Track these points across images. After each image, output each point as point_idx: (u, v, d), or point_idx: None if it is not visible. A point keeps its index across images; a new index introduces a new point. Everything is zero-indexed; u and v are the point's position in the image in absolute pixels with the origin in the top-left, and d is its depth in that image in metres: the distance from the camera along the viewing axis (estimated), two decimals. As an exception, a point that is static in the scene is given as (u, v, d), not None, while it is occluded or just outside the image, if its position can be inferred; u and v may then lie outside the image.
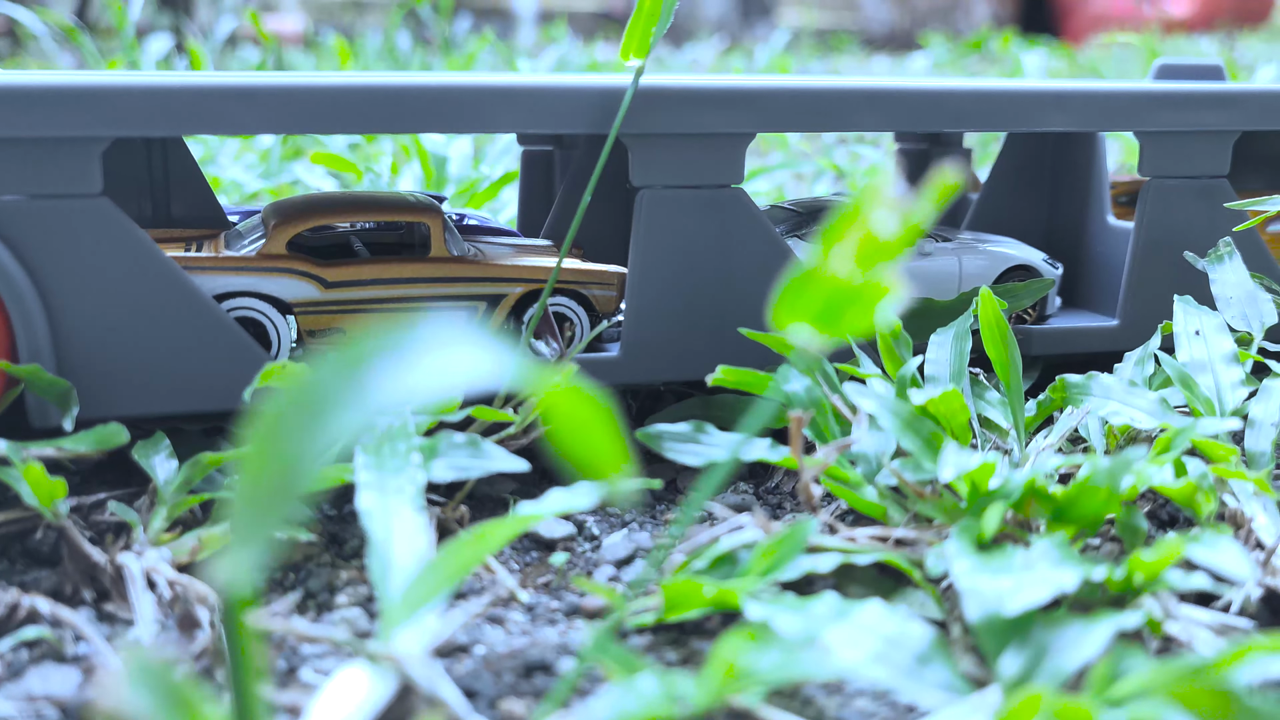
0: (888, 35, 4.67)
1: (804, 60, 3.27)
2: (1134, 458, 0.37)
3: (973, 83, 0.56)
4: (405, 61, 2.44)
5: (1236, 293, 0.55)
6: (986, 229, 0.70)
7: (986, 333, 0.48)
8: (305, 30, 3.94)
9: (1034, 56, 1.12)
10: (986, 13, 4.72)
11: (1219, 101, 0.59)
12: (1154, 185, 0.59)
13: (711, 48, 3.86)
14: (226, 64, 2.68)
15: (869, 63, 3.23)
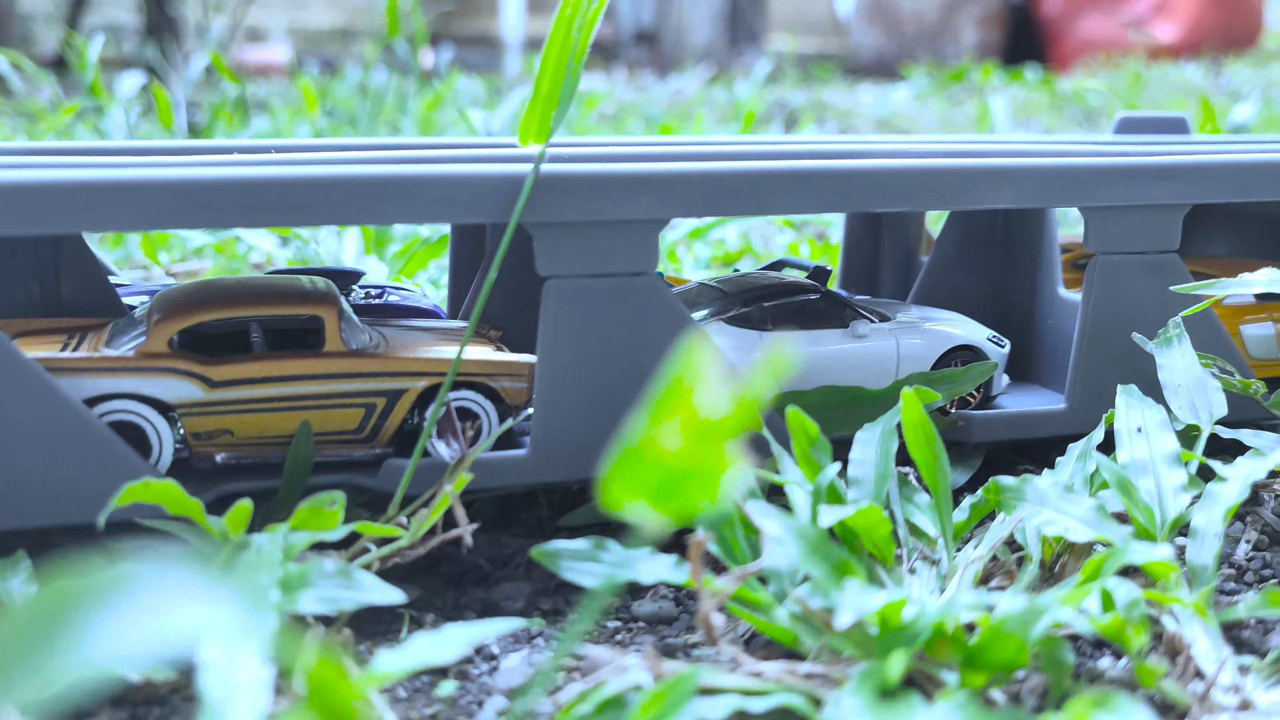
0: (876, 60, 4.65)
1: (788, 90, 3.25)
2: (1047, 604, 0.34)
3: (906, 161, 0.53)
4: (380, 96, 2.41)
5: (1185, 380, 0.52)
6: (934, 299, 0.67)
7: (910, 435, 0.45)
8: (288, 61, 3.92)
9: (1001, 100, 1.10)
10: (975, 38, 4.70)
11: (1169, 174, 0.56)
12: (1101, 261, 0.56)
13: (697, 77, 3.84)
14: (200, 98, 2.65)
15: (854, 92, 3.21)
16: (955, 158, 0.58)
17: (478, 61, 4.30)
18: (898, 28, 4.73)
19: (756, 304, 0.55)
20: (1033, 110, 2.51)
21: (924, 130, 2.42)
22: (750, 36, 4.65)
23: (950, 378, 0.54)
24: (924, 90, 2.86)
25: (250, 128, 1.99)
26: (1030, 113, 2.46)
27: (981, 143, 0.74)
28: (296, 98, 2.99)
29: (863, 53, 4.78)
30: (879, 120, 2.56)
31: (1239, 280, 0.51)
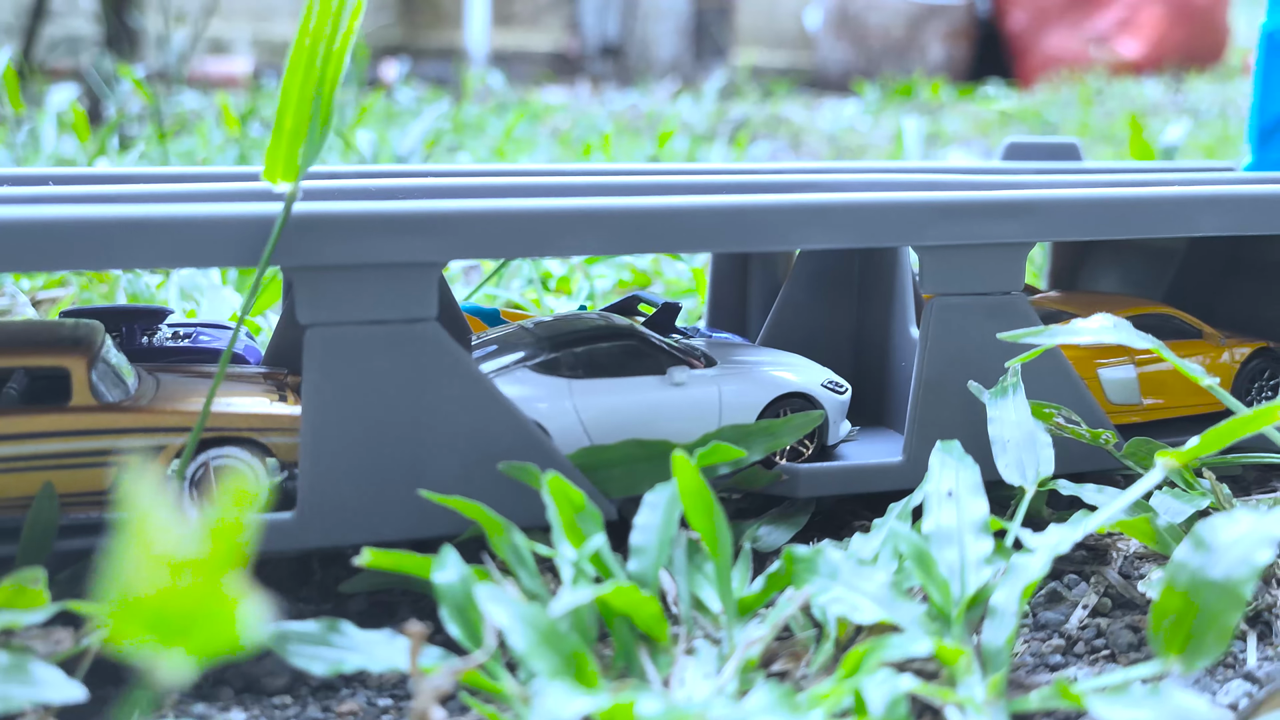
0: (843, 75, 4.63)
1: (747, 104, 3.22)
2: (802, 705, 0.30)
3: (702, 199, 0.49)
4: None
5: (1015, 435, 0.48)
6: (785, 339, 0.63)
7: (688, 502, 0.41)
8: (242, 76, 3.87)
9: (913, 121, 1.07)
10: (942, 53, 4.68)
11: (1009, 211, 0.52)
12: (937, 304, 0.52)
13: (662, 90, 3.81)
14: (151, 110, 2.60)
15: (811, 107, 3.18)
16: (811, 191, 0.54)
17: (443, 74, 4.26)
18: (864, 42, 4.72)
19: (565, 349, 0.52)
20: (984, 128, 2.48)
21: (874, 146, 2.39)
22: (715, 50, 4.62)
23: (768, 430, 0.50)
24: (872, 107, 2.83)
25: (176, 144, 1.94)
26: (982, 130, 2.43)
27: (853, 172, 0.70)
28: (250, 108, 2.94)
29: (830, 67, 4.76)
30: (830, 136, 2.53)
31: (1068, 329, 0.47)
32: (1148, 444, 0.54)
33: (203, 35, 4.63)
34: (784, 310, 0.63)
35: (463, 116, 2.39)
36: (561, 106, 3.06)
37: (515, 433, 0.47)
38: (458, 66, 4.13)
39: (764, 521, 0.52)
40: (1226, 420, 0.41)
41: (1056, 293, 0.66)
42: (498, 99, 3.42)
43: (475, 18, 4.68)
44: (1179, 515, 0.50)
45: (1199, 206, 0.55)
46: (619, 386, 0.51)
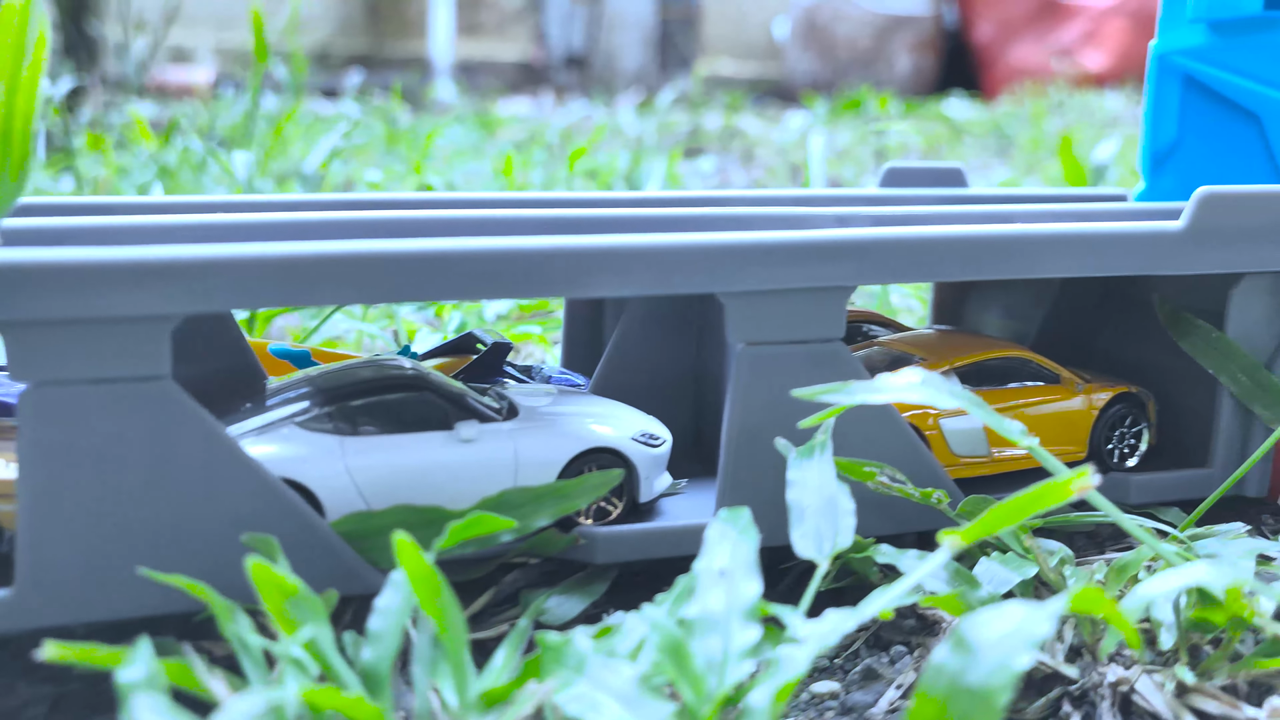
0: (810, 85, 4.59)
1: (706, 115, 3.18)
2: None
3: (497, 241, 0.45)
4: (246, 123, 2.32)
5: (814, 501, 0.44)
6: (620, 381, 0.59)
7: (418, 588, 0.37)
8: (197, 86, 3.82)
9: (821, 139, 1.02)
10: (909, 65, 4.65)
11: (825, 254, 0.48)
12: (747, 354, 0.48)
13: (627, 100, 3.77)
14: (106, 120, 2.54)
15: (779, 117, 3.15)
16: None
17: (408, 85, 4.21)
18: (832, 53, 4.69)
19: (340, 403, 0.47)
20: (933, 142, 2.45)
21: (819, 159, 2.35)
22: (681, 61, 4.59)
23: (559, 492, 0.46)
24: (820, 120, 2.79)
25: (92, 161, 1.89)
26: (930, 145, 2.40)
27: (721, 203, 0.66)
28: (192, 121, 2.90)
29: (797, 78, 4.73)
30: (781, 149, 2.49)
31: (867, 386, 0.43)
32: (984, 502, 0.50)
33: (163, 44, 4.58)
34: (618, 352, 0.59)
35: (396, 129, 2.34)
36: (512, 118, 3.02)
37: (263, 500, 0.43)
38: (411, 77, 4.09)
39: (557, 591, 0.48)
40: (1015, 496, 0.37)
41: (926, 329, 0.62)
42: (454, 110, 3.38)
43: (439, 28, 4.64)
44: (1003, 585, 0.46)
45: (1041, 247, 0.51)
46: (399, 444, 0.47)
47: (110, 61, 4.32)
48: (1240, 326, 0.56)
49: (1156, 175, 0.81)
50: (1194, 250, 0.53)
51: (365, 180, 1.48)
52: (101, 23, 4.43)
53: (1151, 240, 0.53)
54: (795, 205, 0.69)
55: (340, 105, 3.06)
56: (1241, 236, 0.54)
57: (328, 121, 2.84)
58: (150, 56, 4.37)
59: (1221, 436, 0.56)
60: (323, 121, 2.93)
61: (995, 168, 2.27)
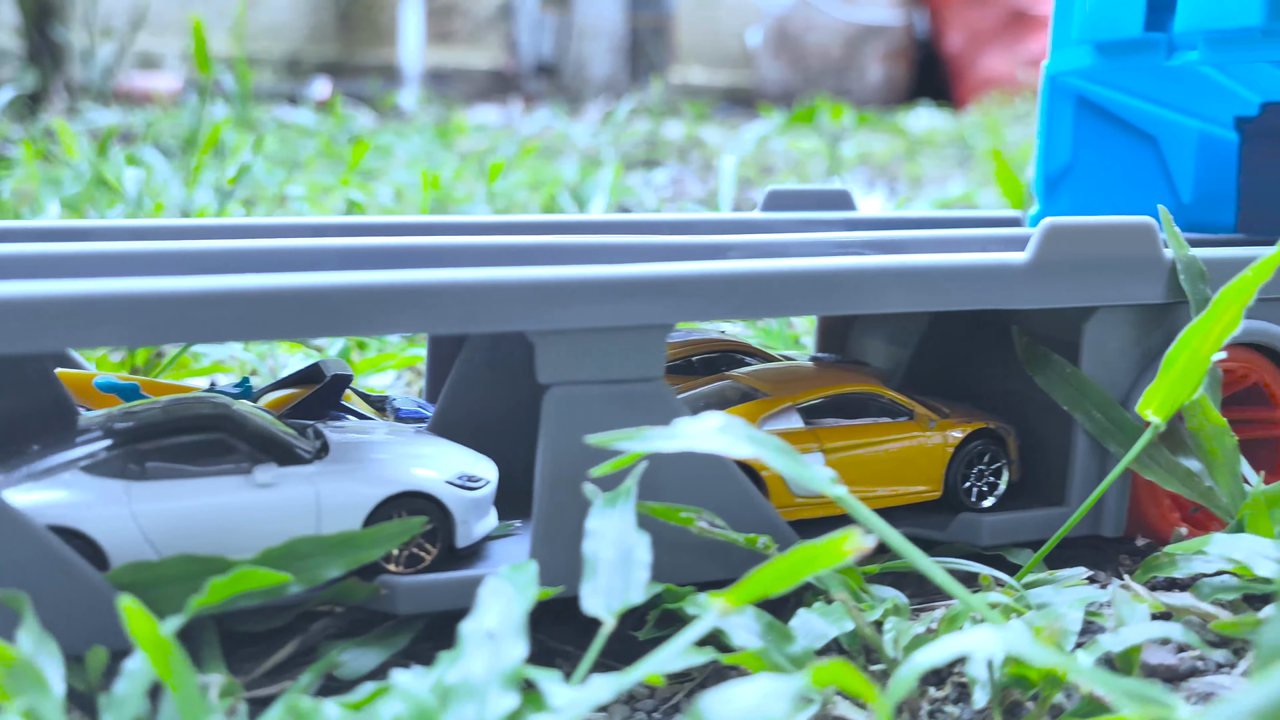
0: (782, 94, 4.58)
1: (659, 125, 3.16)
2: None
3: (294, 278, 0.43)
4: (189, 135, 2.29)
5: (610, 553, 0.42)
6: (458, 420, 0.57)
7: (150, 653, 0.35)
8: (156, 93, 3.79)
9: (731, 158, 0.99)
10: (880, 74, 4.64)
11: (637, 290, 0.46)
12: (556, 394, 0.46)
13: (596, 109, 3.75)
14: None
15: (744, 127, 3.13)
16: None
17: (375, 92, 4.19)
18: (803, 62, 4.68)
19: (128, 445, 0.45)
20: (885, 156, 2.43)
21: (781, 170, 2.33)
22: (651, 69, 4.57)
23: (351, 542, 0.44)
24: (776, 130, 2.78)
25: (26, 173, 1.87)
26: (881, 160, 2.38)
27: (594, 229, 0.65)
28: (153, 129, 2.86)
29: (769, 87, 4.72)
30: (741, 159, 2.47)
31: (661, 433, 0.41)
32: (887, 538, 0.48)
33: (129, 49, 4.54)
34: (458, 387, 0.57)
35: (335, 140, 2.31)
36: (473, 127, 3.00)
37: (24, 551, 0.41)
38: (373, 84, 4.07)
39: (356, 642, 0.46)
40: (777, 559, 0.35)
41: (785, 362, 0.60)
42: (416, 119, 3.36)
43: (409, 35, 4.62)
44: (819, 639, 0.44)
45: (872, 282, 0.49)
46: (190, 490, 0.45)
47: (76, 68, 4.28)
48: (1095, 361, 0.54)
49: (1050, 198, 0.79)
50: (1039, 284, 0.51)
51: (286, 194, 1.46)
52: (67, 29, 4.40)
53: (994, 273, 0.51)
54: (668, 232, 0.67)
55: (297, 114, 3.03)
56: (1089, 269, 0.52)
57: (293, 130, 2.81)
58: (116, 63, 4.33)
59: (1077, 475, 0.54)
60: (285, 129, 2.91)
61: (954, 179, 2.25)
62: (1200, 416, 0.52)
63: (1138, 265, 0.53)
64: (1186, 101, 0.81)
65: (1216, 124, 0.82)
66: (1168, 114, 0.81)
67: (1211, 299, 0.54)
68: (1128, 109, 0.80)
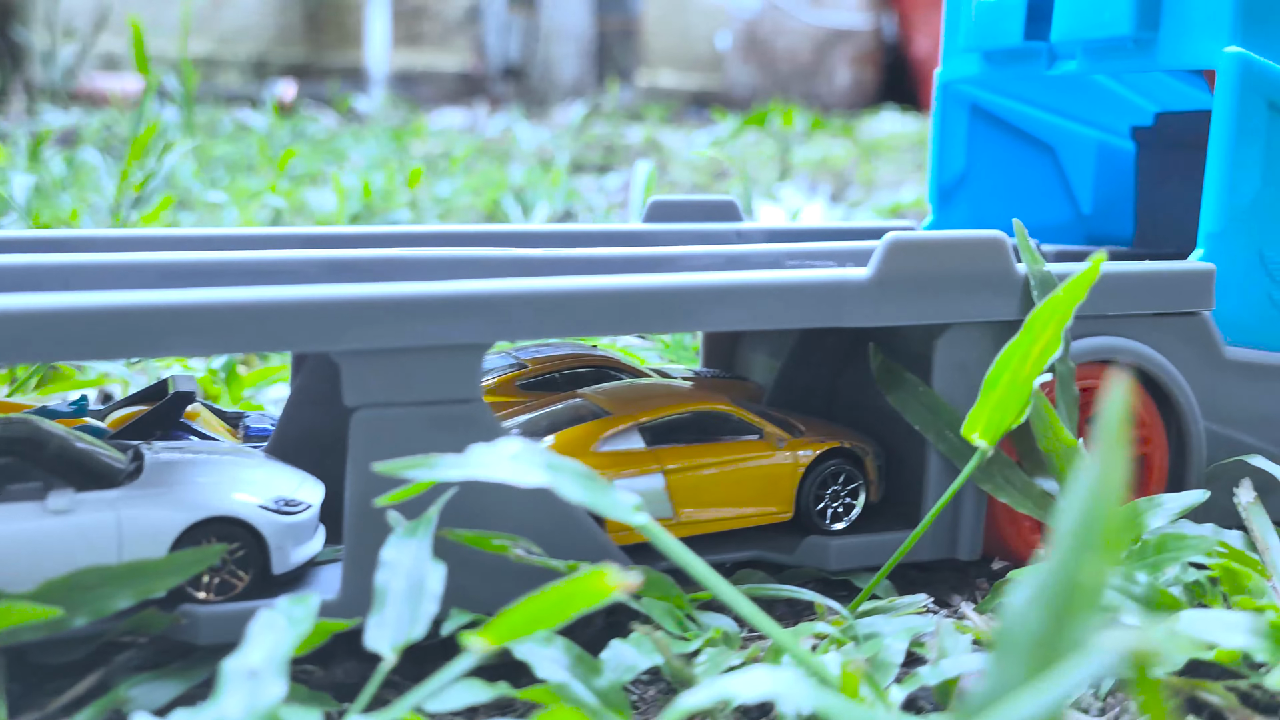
0: (751, 98, 4.58)
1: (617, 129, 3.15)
2: None
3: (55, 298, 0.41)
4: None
5: (401, 584, 0.40)
6: (295, 440, 0.55)
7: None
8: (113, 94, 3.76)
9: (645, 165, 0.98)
10: (848, 78, 4.64)
11: (445, 308, 0.44)
12: (365, 418, 0.44)
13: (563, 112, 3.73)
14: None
15: (692, 136, 3.12)
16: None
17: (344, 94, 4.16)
18: (772, 65, 4.67)
19: (-86, 471, 0.43)
20: (835, 164, 2.42)
21: (732, 174, 2.32)
22: (619, 73, 4.56)
23: (140, 572, 0.42)
24: (727, 135, 2.77)
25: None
26: (831, 167, 2.37)
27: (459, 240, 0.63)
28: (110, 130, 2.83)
29: (738, 90, 4.71)
30: (691, 165, 2.46)
31: (453, 461, 0.39)
32: (643, 573, 0.47)
33: (90, 50, 4.50)
34: (293, 409, 0.55)
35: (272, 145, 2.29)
36: (429, 131, 2.98)
37: None
38: (333, 88, 4.04)
39: (151, 676, 0.44)
40: (537, 596, 0.34)
41: (636, 380, 0.58)
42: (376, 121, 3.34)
43: (375, 38, 4.60)
44: (628, 672, 0.43)
45: (703, 299, 0.47)
46: (-21, 516, 0.43)
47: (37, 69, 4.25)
48: (948, 379, 0.52)
49: (944, 207, 0.78)
50: (881, 301, 0.50)
51: (206, 201, 1.44)
52: (28, 29, 4.36)
53: (834, 290, 0.49)
54: (539, 244, 0.66)
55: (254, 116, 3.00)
56: (935, 285, 0.50)
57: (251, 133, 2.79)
58: (77, 64, 4.30)
59: (930, 496, 0.53)
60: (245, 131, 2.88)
61: (909, 185, 2.24)
62: (1051, 437, 0.50)
63: (988, 281, 0.51)
64: (1084, 110, 0.80)
65: (1115, 134, 0.81)
66: (1066, 123, 0.80)
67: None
68: (1024, 118, 0.79)
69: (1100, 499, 0.22)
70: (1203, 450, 0.57)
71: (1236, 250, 0.58)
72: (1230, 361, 0.58)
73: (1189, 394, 0.56)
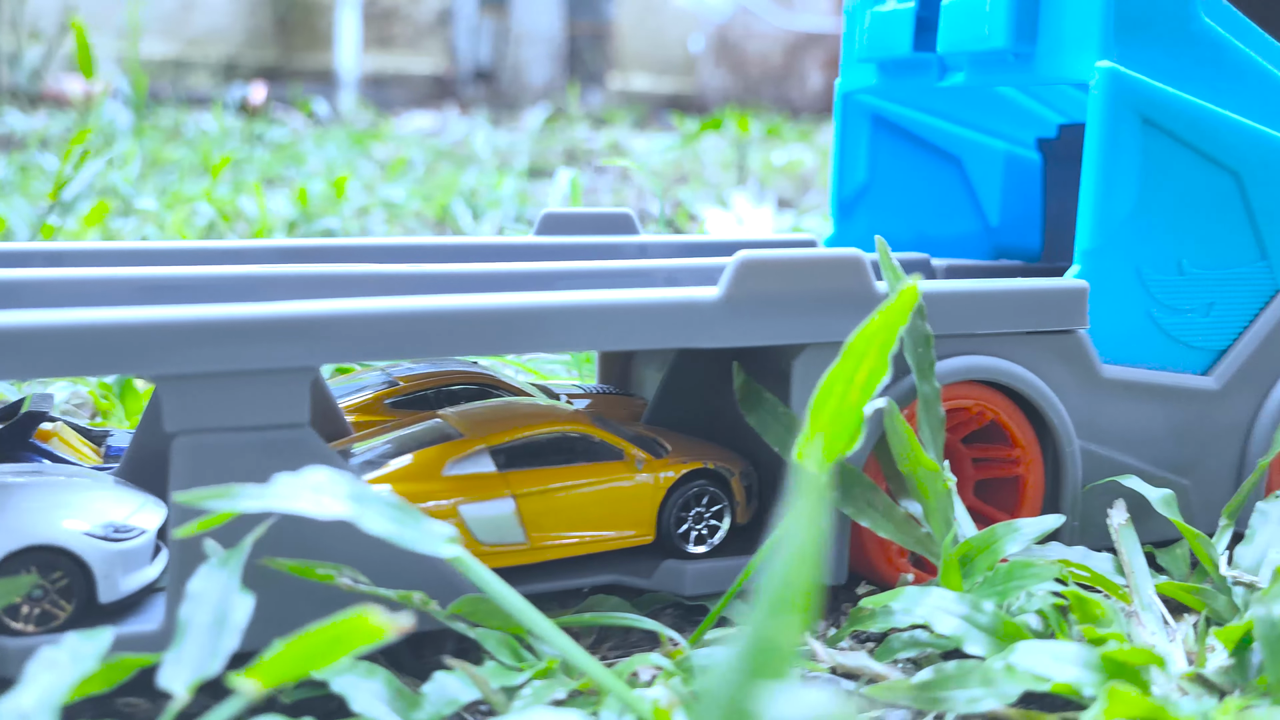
0: (722, 101, 4.57)
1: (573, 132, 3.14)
2: None
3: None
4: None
5: (203, 618, 0.39)
6: (144, 464, 0.53)
7: None
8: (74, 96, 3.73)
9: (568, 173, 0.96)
10: (820, 81, 4.64)
11: (265, 331, 0.43)
12: (185, 445, 0.43)
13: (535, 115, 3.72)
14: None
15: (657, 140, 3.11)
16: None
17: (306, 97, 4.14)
18: (743, 69, 4.67)
19: None
20: (796, 169, 2.41)
21: (694, 176, 2.31)
22: (590, 76, 4.55)
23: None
24: (683, 140, 2.76)
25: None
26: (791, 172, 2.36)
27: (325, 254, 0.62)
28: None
29: (709, 94, 4.70)
30: (651, 169, 2.45)
31: (254, 491, 0.38)
32: (480, 603, 0.45)
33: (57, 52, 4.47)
34: (145, 428, 0.54)
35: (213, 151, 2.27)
36: (391, 134, 2.97)
37: None
38: (295, 91, 4.03)
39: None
40: (303, 636, 0.32)
41: (499, 400, 0.57)
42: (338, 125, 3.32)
43: (345, 40, 4.58)
44: (449, 705, 0.41)
45: (542, 320, 0.46)
46: None
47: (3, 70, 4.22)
48: (805, 400, 0.51)
49: (845, 220, 0.77)
50: (732, 321, 0.49)
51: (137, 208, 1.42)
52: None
53: (683, 311, 0.48)
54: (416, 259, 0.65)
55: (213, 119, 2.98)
56: (789, 305, 0.49)
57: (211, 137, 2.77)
58: (44, 66, 4.27)
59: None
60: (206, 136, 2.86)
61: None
62: (911, 459, 0.49)
63: (845, 300, 0.50)
64: (991, 122, 0.79)
65: (1022, 145, 0.80)
66: (973, 135, 0.79)
67: (930, 335, 0.51)
68: (930, 129, 0.78)
69: (797, 563, 0.21)
70: (1078, 471, 0.56)
71: (1113, 267, 0.57)
72: (1107, 380, 0.57)
73: (1063, 414, 0.56)
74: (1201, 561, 0.52)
